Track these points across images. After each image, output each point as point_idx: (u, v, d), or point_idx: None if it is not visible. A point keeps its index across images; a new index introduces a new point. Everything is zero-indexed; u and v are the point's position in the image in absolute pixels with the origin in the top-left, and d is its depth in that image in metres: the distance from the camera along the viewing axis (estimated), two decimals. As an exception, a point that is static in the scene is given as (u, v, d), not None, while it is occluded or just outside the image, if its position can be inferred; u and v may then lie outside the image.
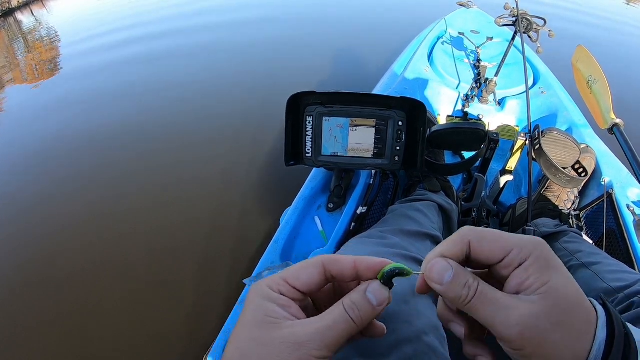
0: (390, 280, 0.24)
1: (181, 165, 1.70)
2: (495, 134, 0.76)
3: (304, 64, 2.57)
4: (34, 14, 6.29)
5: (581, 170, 0.83)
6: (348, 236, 0.74)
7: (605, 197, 0.82)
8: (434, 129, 0.74)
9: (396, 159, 0.70)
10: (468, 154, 1.01)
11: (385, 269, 0.25)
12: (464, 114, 1.27)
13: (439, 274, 0.23)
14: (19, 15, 6.41)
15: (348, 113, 0.68)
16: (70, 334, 1.08)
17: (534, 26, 1.05)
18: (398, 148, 0.69)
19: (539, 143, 0.76)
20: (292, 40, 3.04)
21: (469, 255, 0.24)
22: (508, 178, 0.89)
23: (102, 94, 2.46)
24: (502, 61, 1.22)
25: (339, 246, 0.71)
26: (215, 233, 1.34)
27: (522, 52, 0.93)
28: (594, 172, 0.89)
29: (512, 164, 0.88)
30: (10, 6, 6.73)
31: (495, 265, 0.23)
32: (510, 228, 0.89)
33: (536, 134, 0.77)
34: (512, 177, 0.89)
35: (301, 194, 0.82)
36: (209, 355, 0.55)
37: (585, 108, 0.93)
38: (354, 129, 0.68)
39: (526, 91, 0.84)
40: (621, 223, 0.77)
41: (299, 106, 0.68)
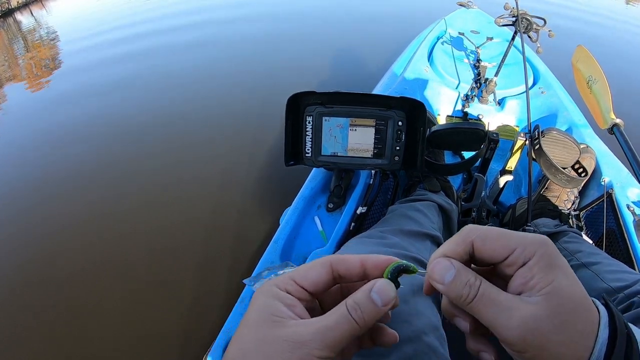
0: (396, 279, 0.24)
1: (181, 165, 1.70)
2: (495, 134, 0.76)
3: (304, 64, 2.57)
4: (33, 15, 6.29)
5: (581, 170, 0.83)
6: (348, 236, 0.74)
7: (605, 197, 0.82)
8: (434, 129, 0.74)
9: (396, 159, 0.70)
10: (468, 154, 1.01)
11: (390, 266, 0.25)
12: (464, 114, 1.27)
13: (440, 274, 0.23)
14: (19, 16, 6.40)
15: (348, 113, 0.68)
16: (70, 334, 1.08)
17: (534, 26, 1.05)
18: (398, 148, 0.69)
19: (538, 143, 0.76)
20: (292, 40, 3.04)
21: (472, 255, 0.24)
22: (508, 178, 0.89)
23: (101, 94, 2.46)
24: (502, 61, 1.22)
25: (339, 246, 0.71)
26: (215, 233, 1.34)
27: (522, 52, 0.93)
28: (593, 172, 0.89)
29: (512, 164, 0.88)
30: (10, 6, 6.72)
31: (499, 264, 0.23)
32: (510, 228, 0.89)
33: (536, 134, 0.77)
34: (512, 177, 0.89)
35: (301, 194, 0.82)
36: (208, 355, 0.55)
37: (585, 108, 0.93)
38: (354, 129, 0.68)
39: (526, 91, 0.84)
40: (621, 223, 0.77)
41: (298, 106, 0.68)
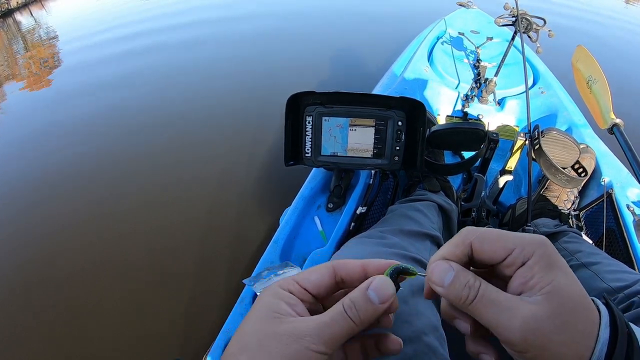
0: (396, 280, 0.24)
1: (181, 165, 1.70)
2: (495, 134, 0.76)
3: (304, 63, 2.57)
4: (32, 15, 6.28)
5: (581, 170, 0.83)
6: (348, 236, 0.74)
7: (605, 197, 0.82)
8: (434, 128, 0.74)
9: (396, 159, 0.70)
10: (468, 154, 1.01)
11: (390, 267, 0.25)
12: (464, 114, 1.27)
13: (439, 276, 0.23)
14: (18, 16, 6.40)
15: (348, 113, 0.67)
16: (70, 334, 1.08)
17: (534, 26, 1.05)
18: (397, 148, 0.69)
19: (538, 143, 0.76)
20: (292, 40, 3.04)
21: (471, 256, 0.24)
22: (508, 178, 0.89)
23: (101, 93, 2.46)
24: (502, 61, 1.22)
25: (339, 246, 0.71)
26: (215, 233, 1.34)
27: (522, 52, 0.93)
28: (593, 172, 0.89)
29: (511, 164, 0.88)
30: (9, 7, 6.72)
31: (498, 265, 0.23)
32: (509, 228, 0.89)
33: (536, 134, 0.77)
34: (512, 177, 0.89)
35: (301, 194, 0.81)
36: (208, 355, 0.55)
37: (585, 108, 0.93)
38: (354, 129, 0.68)
39: (526, 91, 0.84)
40: (621, 223, 0.76)
41: (298, 106, 0.68)
